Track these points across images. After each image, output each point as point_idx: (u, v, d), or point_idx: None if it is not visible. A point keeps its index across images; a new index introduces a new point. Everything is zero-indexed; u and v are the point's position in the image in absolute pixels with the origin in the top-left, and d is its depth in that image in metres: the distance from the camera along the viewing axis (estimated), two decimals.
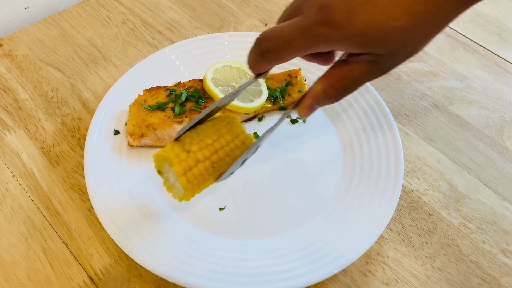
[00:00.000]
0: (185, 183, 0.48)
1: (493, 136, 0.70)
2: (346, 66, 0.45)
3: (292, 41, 0.42)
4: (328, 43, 0.41)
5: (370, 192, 0.60)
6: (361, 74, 0.45)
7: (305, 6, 0.42)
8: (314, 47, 0.42)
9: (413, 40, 0.42)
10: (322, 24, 0.40)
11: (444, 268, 0.57)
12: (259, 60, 0.45)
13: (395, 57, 0.43)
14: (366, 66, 0.44)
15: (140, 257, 0.53)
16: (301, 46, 0.42)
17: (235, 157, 0.51)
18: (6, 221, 0.60)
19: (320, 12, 0.40)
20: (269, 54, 0.43)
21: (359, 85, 0.46)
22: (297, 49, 0.42)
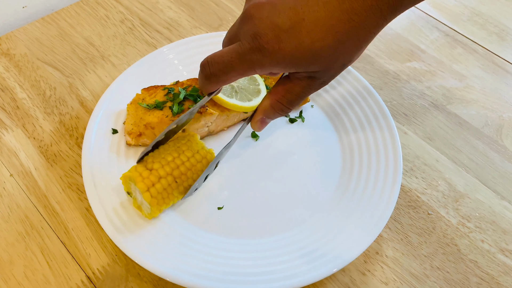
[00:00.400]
0: (149, 199, 0.53)
1: (491, 136, 0.70)
2: (289, 82, 0.49)
3: (231, 67, 0.46)
4: (263, 68, 0.45)
5: (369, 191, 0.60)
6: (303, 88, 0.49)
7: (241, 33, 0.45)
8: (251, 71, 0.46)
9: (343, 54, 0.45)
10: (255, 51, 0.44)
11: (443, 267, 0.57)
12: (206, 83, 0.49)
13: (330, 70, 0.47)
14: (306, 81, 0.48)
15: (138, 257, 0.52)
16: (239, 71, 0.46)
17: (197, 171, 0.57)
18: (4, 220, 0.59)
19: (253, 41, 0.43)
20: (213, 77, 0.48)
21: (302, 98, 0.50)
22: (237, 73, 0.46)
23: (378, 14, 0.42)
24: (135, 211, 0.57)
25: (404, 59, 0.80)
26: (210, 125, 0.65)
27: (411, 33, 0.85)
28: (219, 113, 0.64)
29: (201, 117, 0.63)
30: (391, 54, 0.81)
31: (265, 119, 0.53)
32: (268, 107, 0.52)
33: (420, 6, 0.90)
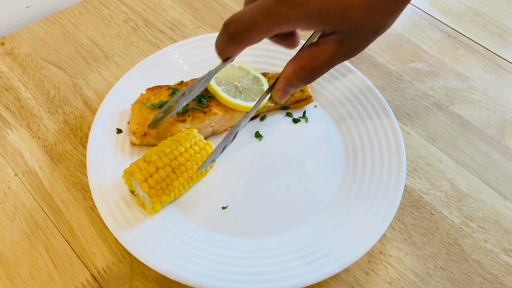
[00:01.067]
0: (148, 189, 0.54)
1: (494, 136, 0.70)
2: (315, 48, 0.45)
3: (256, 23, 0.42)
4: (289, 23, 0.42)
5: (373, 191, 0.60)
6: (330, 55, 0.45)
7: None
8: (277, 27, 0.42)
9: (376, 15, 0.42)
10: (282, 4, 0.41)
11: (446, 267, 0.57)
12: (227, 44, 0.45)
13: (360, 34, 0.43)
14: (334, 46, 0.44)
15: (143, 256, 0.53)
16: (264, 27, 0.42)
17: (196, 161, 0.57)
18: (9, 219, 0.59)
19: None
20: (236, 37, 0.44)
21: (329, 67, 0.46)
22: (262, 30, 0.43)
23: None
24: (140, 210, 0.57)
25: (407, 59, 0.81)
26: (214, 125, 0.65)
27: (413, 34, 0.85)
28: (223, 113, 0.65)
29: (205, 117, 0.63)
30: (394, 54, 0.81)
31: (287, 88, 0.49)
32: (291, 74, 0.48)
33: (422, 7, 0.90)
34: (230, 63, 0.69)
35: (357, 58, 0.79)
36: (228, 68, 0.69)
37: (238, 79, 0.68)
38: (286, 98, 0.50)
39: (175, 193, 0.57)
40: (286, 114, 0.70)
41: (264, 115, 0.70)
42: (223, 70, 0.68)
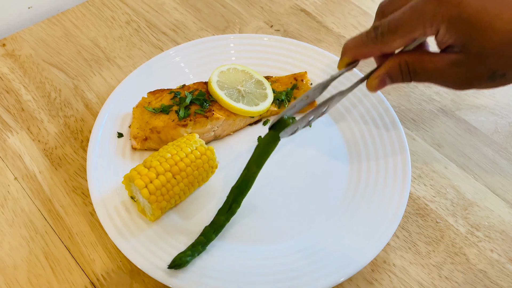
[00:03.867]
0: (148, 195, 0.53)
1: (501, 143, 0.69)
2: (428, 54, 0.47)
3: (402, 22, 0.44)
4: (433, 22, 0.43)
5: (377, 198, 0.59)
6: (438, 68, 0.45)
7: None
8: (421, 27, 0.43)
9: (507, 57, 0.42)
10: (431, 1, 0.42)
11: (452, 277, 0.56)
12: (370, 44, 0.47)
13: (481, 65, 0.43)
14: (448, 63, 0.45)
15: (143, 263, 0.52)
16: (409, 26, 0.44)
17: (196, 167, 0.56)
18: (8, 224, 0.59)
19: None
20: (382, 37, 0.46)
21: (429, 78, 0.47)
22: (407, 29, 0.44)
23: None
24: (140, 216, 0.57)
25: None
26: (216, 129, 0.65)
27: None
28: (226, 118, 0.64)
29: (207, 121, 0.63)
30: None
31: (386, 78, 0.49)
32: (396, 65, 0.48)
33: None
34: (233, 67, 0.68)
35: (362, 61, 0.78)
36: (231, 71, 0.68)
37: (241, 83, 0.67)
38: (380, 89, 0.50)
39: (175, 199, 0.56)
40: None
41: (267, 120, 0.69)
42: (226, 74, 0.67)
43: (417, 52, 0.47)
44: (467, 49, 0.43)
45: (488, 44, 0.42)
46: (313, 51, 0.74)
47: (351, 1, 0.88)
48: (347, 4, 0.88)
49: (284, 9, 0.87)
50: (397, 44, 0.46)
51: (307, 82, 0.70)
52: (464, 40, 0.43)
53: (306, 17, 0.85)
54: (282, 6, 0.87)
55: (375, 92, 0.51)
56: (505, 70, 0.43)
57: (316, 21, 0.85)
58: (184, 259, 0.51)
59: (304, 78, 0.70)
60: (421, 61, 0.46)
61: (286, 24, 0.84)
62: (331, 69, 0.72)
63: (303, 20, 0.85)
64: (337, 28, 0.84)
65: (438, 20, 0.43)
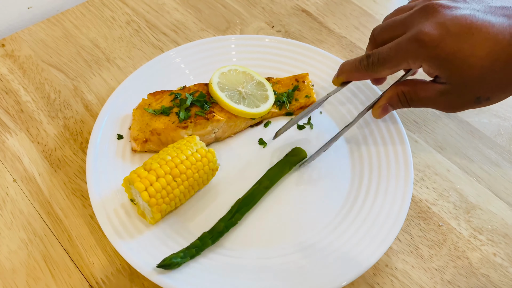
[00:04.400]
0: (148, 198, 0.52)
1: (504, 145, 0.68)
2: (421, 84, 0.55)
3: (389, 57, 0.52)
4: (416, 60, 0.50)
5: (379, 202, 0.59)
6: (430, 97, 0.53)
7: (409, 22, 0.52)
8: (405, 62, 0.51)
9: (487, 84, 0.49)
10: (413, 42, 0.50)
11: (454, 281, 0.56)
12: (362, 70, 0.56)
13: (466, 94, 0.51)
14: (437, 92, 0.52)
15: (142, 267, 0.51)
16: (394, 61, 0.52)
17: (197, 169, 0.56)
18: (6, 227, 0.58)
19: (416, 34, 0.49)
20: (372, 67, 0.54)
21: (425, 105, 0.55)
22: (392, 64, 0.52)
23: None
24: (140, 219, 0.56)
25: None
26: (217, 131, 0.64)
27: None
28: (226, 120, 0.63)
29: (208, 123, 0.62)
30: None
31: (387, 106, 0.58)
32: (394, 95, 0.57)
33: None
34: (234, 68, 0.68)
35: None
36: (232, 73, 0.67)
37: (242, 84, 0.66)
38: (383, 116, 0.60)
39: (176, 202, 0.56)
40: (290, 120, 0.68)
41: (268, 121, 0.68)
42: (227, 75, 0.66)
43: (412, 83, 0.55)
44: (451, 81, 0.50)
45: (467, 77, 0.49)
46: (315, 52, 0.73)
47: (352, 1, 0.88)
48: (349, 5, 0.87)
49: (285, 10, 0.86)
50: (386, 73, 0.55)
51: (309, 83, 0.69)
52: (446, 74, 0.50)
53: (308, 17, 0.85)
54: (283, 6, 0.87)
55: (380, 118, 0.61)
56: (488, 95, 0.50)
57: (318, 22, 0.84)
58: (174, 261, 0.51)
59: (306, 79, 0.70)
60: (415, 91, 0.55)
61: (287, 25, 0.83)
62: (333, 70, 0.71)
63: (304, 21, 0.84)
64: (339, 28, 0.83)
65: (420, 58, 0.50)
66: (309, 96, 0.68)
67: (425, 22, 0.49)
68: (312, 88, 0.69)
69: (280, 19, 0.84)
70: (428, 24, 0.49)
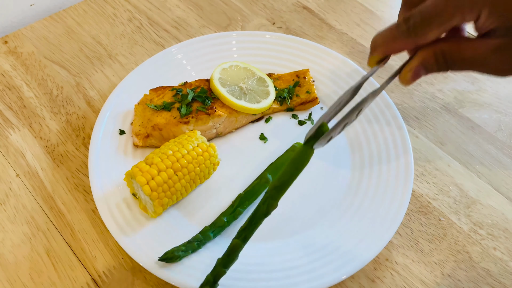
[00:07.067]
0: (149, 192, 0.53)
1: (505, 140, 0.68)
2: (466, 41, 0.43)
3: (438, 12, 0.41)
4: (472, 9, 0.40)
5: (379, 196, 0.59)
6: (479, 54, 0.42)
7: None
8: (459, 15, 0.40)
9: None
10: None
11: (454, 275, 0.56)
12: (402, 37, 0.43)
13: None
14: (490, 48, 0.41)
15: (145, 260, 0.52)
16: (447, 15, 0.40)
17: (198, 163, 0.56)
18: (10, 221, 0.59)
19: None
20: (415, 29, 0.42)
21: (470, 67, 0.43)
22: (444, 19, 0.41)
23: None
24: (142, 213, 0.57)
25: None
26: (218, 126, 0.64)
27: None
28: (228, 115, 0.64)
29: (209, 119, 0.62)
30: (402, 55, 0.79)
31: (420, 70, 0.45)
32: (430, 56, 0.44)
33: None
34: (235, 64, 0.68)
35: (365, 58, 0.78)
36: (233, 68, 0.67)
37: (243, 80, 0.67)
38: (414, 81, 0.47)
39: (177, 196, 0.56)
40: (291, 116, 0.69)
41: (269, 117, 0.69)
42: (228, 71, 0.67)
43: (454, 39, 0.44)
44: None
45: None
46: (316, 48, 0.74)
47: None
48: (350, 1, 0.87)
49: (286, 6, 0.86)
50: (433, 36, 0.43)
51: (309, 79, 0.70)
52: (510, 23, 0.40)
53: (309, 14, 0.85)
54: (284, 3, 0.87)
55: (410, 85, 0.49)
56: None
57: (319, 18, 0.84)
58: (176, 254, 0.51)
59: (306, 75, 0.70)
60: (459, 49, 0.43)
61: (289, 21, 0.84)
62: (334, 66, 0.72)
63: (306, 17, 0.84)
64: (340, 25, 0.83)
65: (480, 4, 0.40)
66: (310, 92, 0.69)
67: None
68: (313, 84, 0.69)
69: (281, 15, 0.85)
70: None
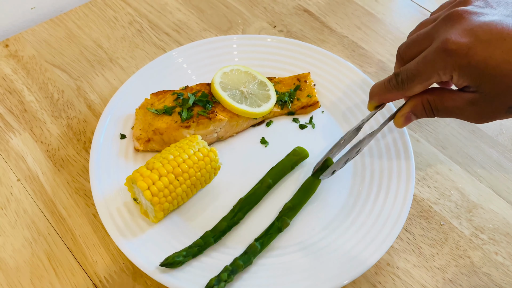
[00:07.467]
0: (150, 197, 0.53)
1: (506, 144, 0.68)
2: (448, 92, 0.51)
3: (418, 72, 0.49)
4: (445, 71, 0.47)
5: (381, 200, 0.59)
6: (458, 106, 0.50)
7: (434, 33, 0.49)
8: (435, 75, 0.48)
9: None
10: (440, 52, 0.47)
11: (456, 280, 0.56)
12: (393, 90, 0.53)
13: (497, 102, 0.48)
14: (466, 102, 0.49)
15: (145, 265, 0.52)
16: (425, 75, 0.49)
17: (199, 168, 0.56)
18: (11, 226, 0.59)
19: (443, 43, 0.46)
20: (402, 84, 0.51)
21: (451, 115, 0.52)
22: (423, 78, 0.49)
23: None
24: (143, 218, 0.56)
25: None
26: (219, 130, 0.64)
27: None
28: (229, 119, 0.64)
29: (210, 123, 0.62)
30: None
31: (410, 115, 0.55)
32: (418, 104, 0.53)
33: (431, 9, 0.88)
34: (236, 68, 0.68)
35: (366, 62, 0.78)
36: (234, 72, 0.67)
37: (244, 84, 0.67)
38: (406, 125, 0.56)
39: (178, 200, 0.56)
40: (292, 119, 0.69)
41: (270, 121, 0.69)
42: (229, 75, 0.67)
43: (438, 91, 0.52)
44: (482, 89, 0.47)
45: (500, 85, 0.46)
46: (317, 52, 0.74)
47: (354, 1, 0.88)
48: (351, 4, 0.87)
49: (287, 10, 0.86)
50: (417, 89, 0.51)
51: (310, 83, 0.70)
52: (477, 83, 0.47)
53: (309, 17, 0.85)
54: (285, 6, 0.87)
55: (402, 128, 0.58)
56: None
57: (319, 22, 0.84)
58: (177, 259, 0.51)
59: (307, 79, 0.70)
60: (441, 100, 0.51)
61: (289, 25, 0.84)
62: (335, 70, 0.72)
63: (306, 21, 0.84)
64: (341, 28, 0.83)
65: (450, 69, 0.47)
66: (311, 96, 0.68)
67: (451, 30, 0.47)
68: (314, 88, 0.69)
69: (282, 19, 0.85)
70: (455, 32, 0.46)
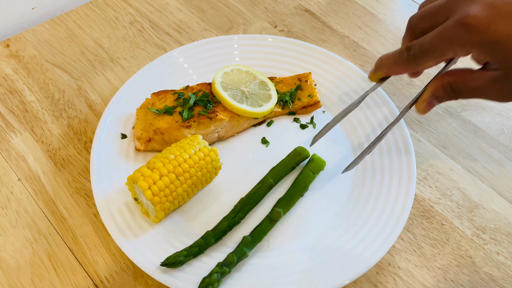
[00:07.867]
0: (151, 197, 0.52)
1: (507, 144, 0.68)
2: (470, 73, 0.49)
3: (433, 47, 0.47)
4: (463, 47, 0.45)
5: (382, 200, 0.59)
6: (481, 85, 0.48)
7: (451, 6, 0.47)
8: (451, 51, 0.46)
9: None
10: (459, 28, 0.44)
11: (457, 280, 0.56)
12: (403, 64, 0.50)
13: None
14: (489, 80, 0.47)
15: (146, 265, 0.52)
16: (440, 51, 0.47)
17: (200, 168, 0.56)
18: (11, 226, 0.59)
19: (462, 18, 0.44)
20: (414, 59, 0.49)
21: (475, 95, 0.49)
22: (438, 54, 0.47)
23: None
24: (144, 218, 0.56)
25: None
26: (220, 130, 0.64)
27: None
28: (229, 119, 0.63)
29: (211, 123, 0.62)
30: None
31: (432, 100, 0.52)
32: (439, 87, 0.51)
33: None
34: (237, 67, 0.68)
35: (367, 62, 0.78)
36: (235, 72, 0.67)
37: (245, 84, 0.66)
38: (429, 111, 0.54)
39: (179, 200, 0.56)
40: (293, 119, 0.69)
41: (271, 121, 0.69)
42: (230, 75, 0.67)
43: (458, 72, 0.50)
44: (505, 65, 0.45)
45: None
46: (317, 52, 0.74)
47: (355, 1, 0.88)
48: (352, 4, 0.87)
49: (288, 10, 0.86)
50: (429, 65, 0.49)
51: (311, 82, 0.69)
52: (499, 59, 0.45)
53: (310, 17, 0.85)
54: (286, 6, 0.87)
55: (425, 114, 0.55)
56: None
57: (320, 22, 0.84)
58: (177, 259, 0.51)
59: (308, 78, 0.70)
60: (462, 81, 0.49)
61: (290, 25, 0.84)
62: (336, 69, 0.72)
63: (307, 21, 0.84)
64: (342, 28, 0.83)
65: (468, 45, 0.45)
66: (312, 96, 0.68)
67: (471, 4, 0.44)
68: (315, 88, 0.69)
69: (283, 18, 0.85)
70: (474, 6, 0.44)
